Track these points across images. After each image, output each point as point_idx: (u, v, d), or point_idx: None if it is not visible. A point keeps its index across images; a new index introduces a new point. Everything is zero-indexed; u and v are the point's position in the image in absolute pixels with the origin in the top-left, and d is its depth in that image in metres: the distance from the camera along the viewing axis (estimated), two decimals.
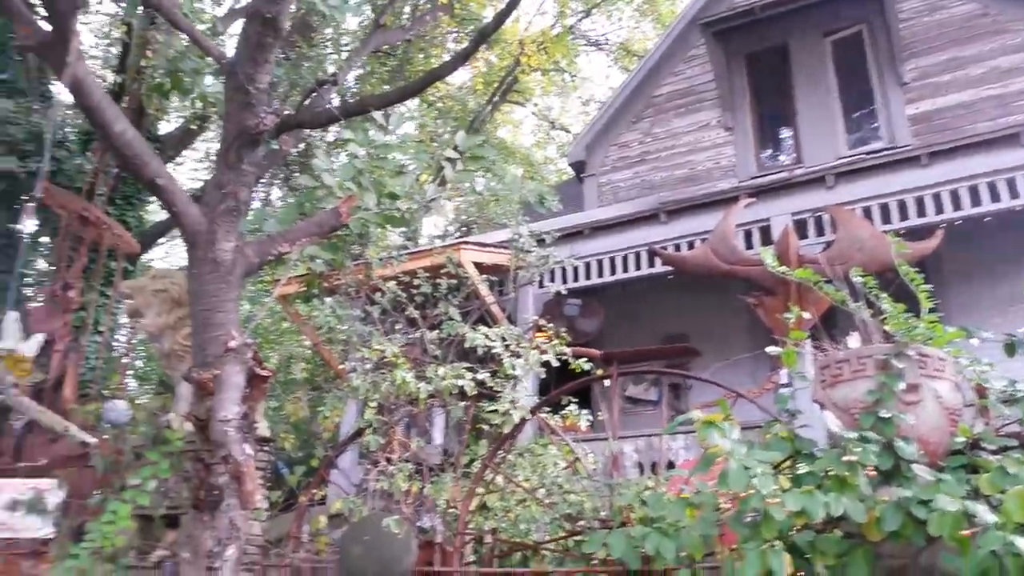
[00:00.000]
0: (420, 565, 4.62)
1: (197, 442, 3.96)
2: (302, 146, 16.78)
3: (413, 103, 18.42)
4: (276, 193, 18.17)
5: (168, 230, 17.35)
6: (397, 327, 5.43)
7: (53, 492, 5.89)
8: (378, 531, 4.22)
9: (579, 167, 13.15)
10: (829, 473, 3.18)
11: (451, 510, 5.21)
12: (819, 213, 8.31)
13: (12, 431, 7.72)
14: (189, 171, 20.58)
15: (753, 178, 10.70)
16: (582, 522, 5.04)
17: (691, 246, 8.77)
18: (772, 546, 3.00)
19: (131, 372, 16.36)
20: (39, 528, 5.88)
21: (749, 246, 8.47)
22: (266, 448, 5.38)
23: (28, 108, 13.86)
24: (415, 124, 18.56)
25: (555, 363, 5.02)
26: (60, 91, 15.98)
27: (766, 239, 8.31)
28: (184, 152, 18.17)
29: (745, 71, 11.87)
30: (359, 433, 5.14)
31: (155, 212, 18.57)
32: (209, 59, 5.99)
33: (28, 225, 9.60)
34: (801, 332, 3.85)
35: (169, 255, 22.31)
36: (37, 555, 5.92)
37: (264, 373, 3.95)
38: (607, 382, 5.14)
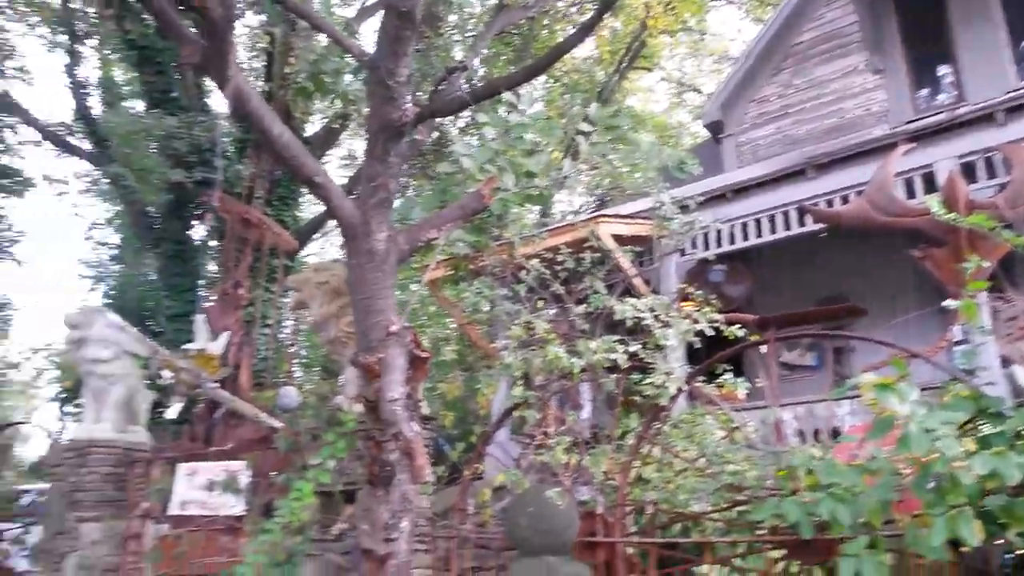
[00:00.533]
0: (582, 535, 4.69)
1: (368, 422, 4.20)
2: (435, 135, 17.23)
3: (540, 80, 18.42)
4: (414, 183, 18.79)
5: (321, 226, 18.39)
6: (543, 304, 5.49)
7: (243, 473, 6.46)
8: (542, 503, 4.32)
9: (715, 128, 12.69)
10: (1022, 433, 2.93)
11: (608, 482, 5.24)
12: (989, 153, 7.60)
13: (207, 419, 8.53)
14: (334, 169, 21.69)
15: (910, 122, 9.90)
16: (747, 491, 4.93)
17: (844, 200, 8.26)
18: (960, 512, 2.81)
19: (297, 360, 17.54)
20: (232, 506, 6.47)
21: (910, 196, 7.87)
22: (428, 426, 5.63)
23: (190, 123, 15.04)
24: (544, 101, 18.57)
25: (707, 331, 4.91)
26: (217, 104, 17.28)
27: (929, 187, 7.69)
28: (329, 151, 19.10)
29: (893, 8, 10.98)
30: (513, 409, 5.26)
31: (307, 210, 19.74)
32: (348, 59, 6.27)
33: (201, 230, 10.49)
34: (981, 282, 3.55)
35: (324, 250, 23.61)
36: (232, 530, 6.52)
37: (424, 355, 4.13)
38: (763, 348, 4.97)
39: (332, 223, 21.31)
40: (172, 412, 4.89)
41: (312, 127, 18.27)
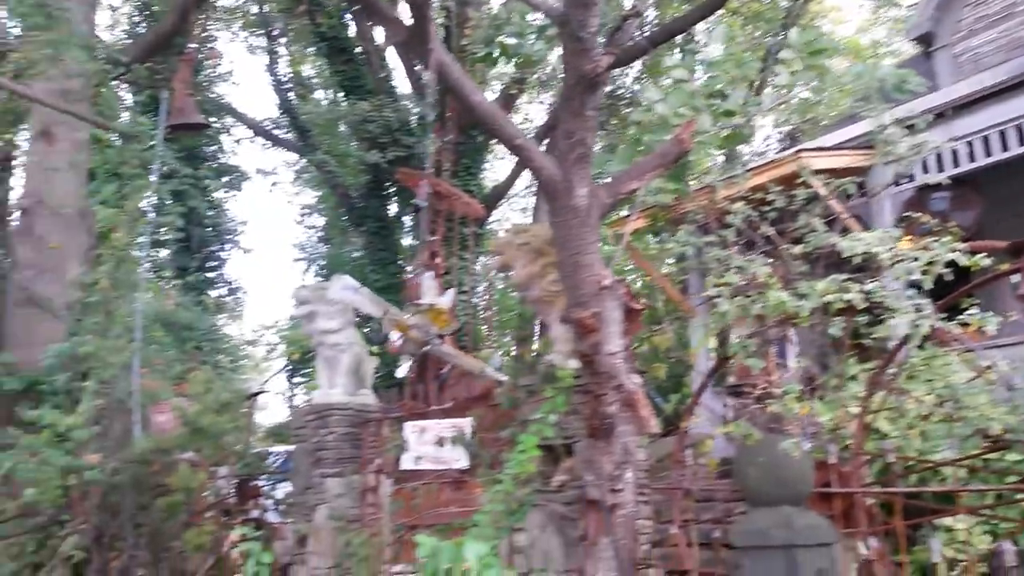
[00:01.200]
0: (816, 486, 4.49)
1: (584, 376, 4.25)
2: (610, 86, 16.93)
3: (718, 16, 17.47)
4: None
5: (505, 193, 18.85)
6: (752, 248, 5.25)
7: (468, 428, 6.82)
8: (773, 453, 4.17)
9: (925, 40, 11.39)
10: None
11: (837, 431, 4.97)
12: None
13: (433, 377, 9.08)
14: None
15: None
16: (997, 436, 4.48)
17: None
18: None
19: (492, 325, 18.17)
20: (459, 460, 6.86)
21: None
22: (641, 378, 5.60)
23: (380, 106, 15.88)
24: (725, 36, 17.61)
25: (949, 263, 4.46)
26: (403, 86, 18.06)
27: None
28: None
29: None
30: (727, 359, 5.11)
31: (489, 179, 20.30)
32: (531, 21, 6.28)
33: (421, 203, 11.02)
34: None
35: (506, 217, 24.07)
36: (459, 483, 6.93)
37: (637, 307, 4.10)
38: (1014, 278, 4.44)
39: (515, 189, 21.76)
40: (401, 371, 5.22)
41: (489, 95, 18.57)
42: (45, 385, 9.84)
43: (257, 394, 12.35)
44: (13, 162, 17.50)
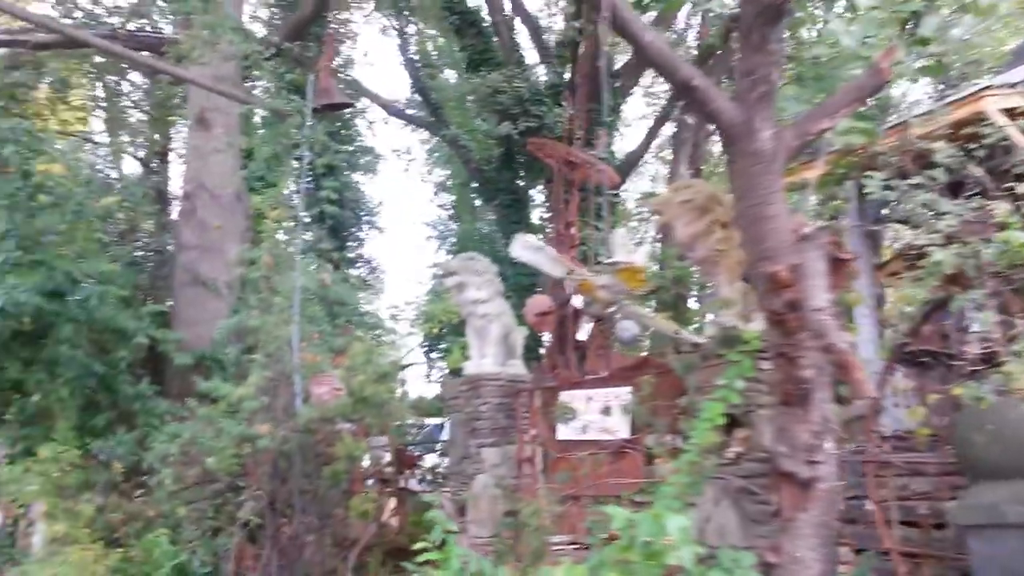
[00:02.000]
0: None
1: (774, 337, 3.86)
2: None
3: None
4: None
5: (639, 160, 18.28)
6: (960, 191, 4.63)
7: (627, 398, 6.54)
8: (1003, 419, 3.64)
9: None
10: None
11: None
12: None
13: (577, 348, 8.84)
14: (635, 100, 21.32)
15: None
16: None
17: None
18: None
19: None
20: (620, 430, 6.61)
21: None
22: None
23: (511, 77, 15.69)
24: None
25: None
26: (531, 57, 17.72)
27: None
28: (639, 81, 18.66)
29: None
30: (934, 309, 4.54)
31: (620, 147, 19.76)
32: None
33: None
34: None
35: (635, 185, 23.40)
36: (620, 454, 6.67)
37: (846, 257, 3.65)
38: None
39: (648, 156, 21.04)
40: (581, 334, 4.92)
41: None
42: (213, 360, 10.40)
43: (407, 366, 12.49)
44: (170, 153, 18.77)
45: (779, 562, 3.85)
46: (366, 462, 8.56)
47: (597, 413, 6.77)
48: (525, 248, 6.07)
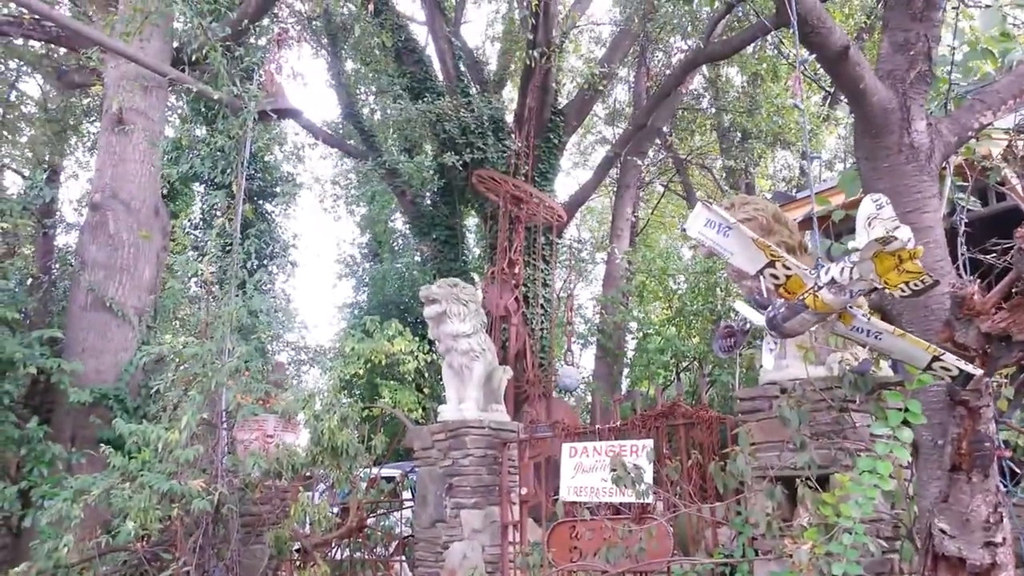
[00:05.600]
0: None
1: (955, 381, 3.04)
2: None
3: None
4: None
5: (583, 200, 17.69)
6: None
7: (648, 451, 5.58)
8: None
9: None
10: None
11: None
12: None
13: (561, 386, 7.83)
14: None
15: None
16: None
17: None
18: None
19: (575, 338, 16.95)
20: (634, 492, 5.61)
21: None
22: None
23: (457, 107, 14.85)
24: None
25: None
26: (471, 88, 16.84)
27: None
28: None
29: None
30: None
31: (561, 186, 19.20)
32: None
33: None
34: None
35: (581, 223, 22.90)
36: (640, 520, 5.67)
37: None
38: None
39: (598, 195, 20.28)
40: (767, 362, 3.75)
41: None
42: (116, 399, 8.78)
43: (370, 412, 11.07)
44: (61, 169, 16.79)
45: None
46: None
47: (606, 470, 5.78)
48: (709, 223, 3.61)
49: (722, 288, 13.46)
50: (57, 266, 14.12)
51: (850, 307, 3.02)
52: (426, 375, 16.18)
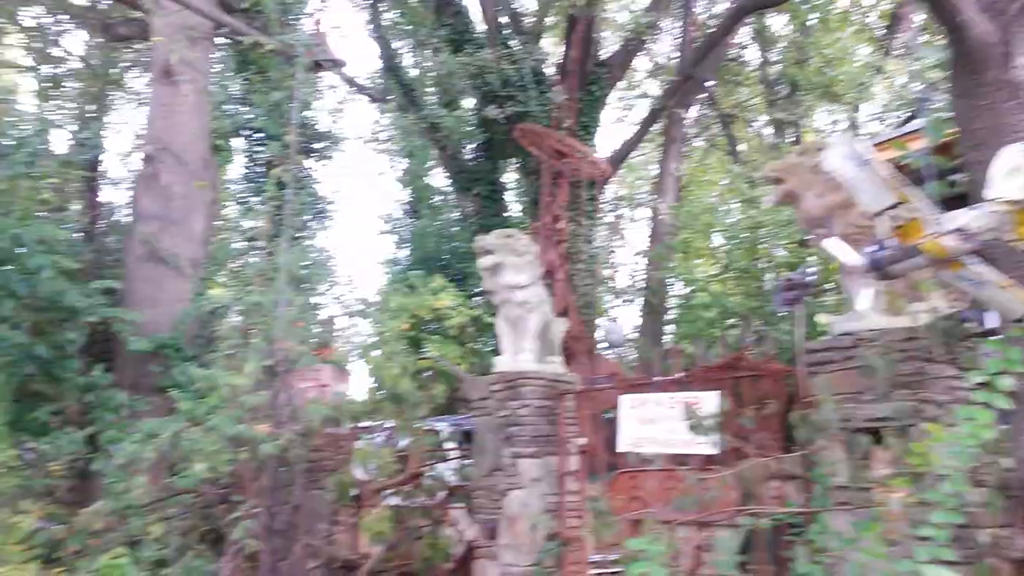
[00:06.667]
0: None
1: None
2: None
3: None
4: None
5: (627, 154, 17.42)
6: None
7: (714, 404, 5.53)
8: None
9: None
10: None
11: None
12: None
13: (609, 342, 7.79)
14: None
15: None
16: None
17: None
18: None
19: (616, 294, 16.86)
20: (701, 443, 5.57)
21: None
22: None
23: (499, 58, 14.60)
24: None
25: None
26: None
27: None
28: None
29: None
30: None
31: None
32: None
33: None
34: None
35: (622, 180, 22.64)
36: (706, 471, 5.63)
37: None
38: None
39: (638, 151, 19.97)
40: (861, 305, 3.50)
41: None
42: (173, 347, 8.94)
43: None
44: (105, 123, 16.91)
45: None
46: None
47: (671, 421, 5.75)
48: (848, 155, 3.39)
49: (767, 244, 13.21)
50: (104, 220, 14.33)
51: (967, 258, 2.91)
52: (469, 330, 16.25)
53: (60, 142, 16.70)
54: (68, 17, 13.73)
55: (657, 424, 5.85)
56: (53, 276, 7.58)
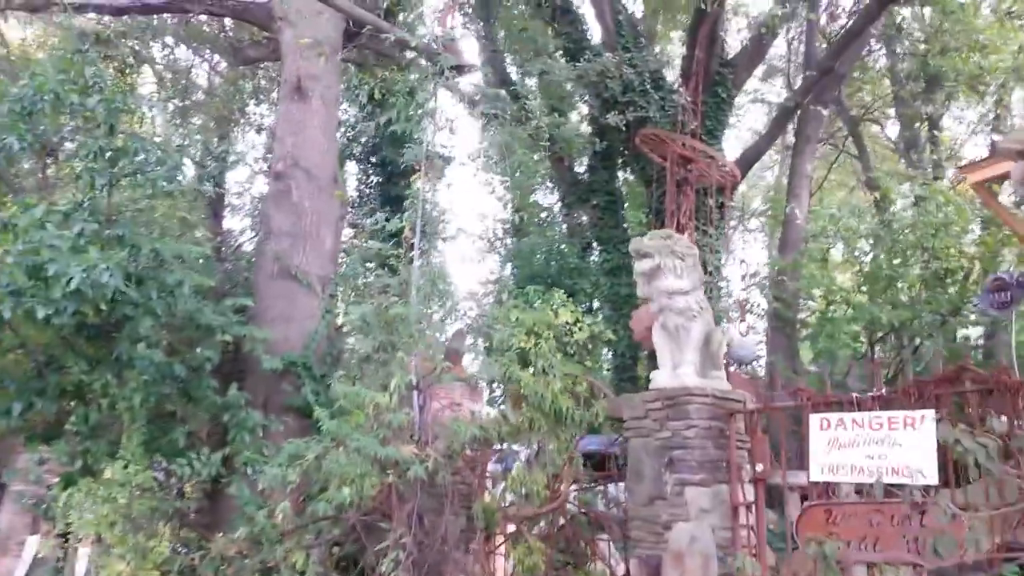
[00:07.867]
0: None
1: None
2: None
3: None
4: None
5: (758, 157, 16.45)
6: None
7: (929, 425, 4.70)
8: None
9: None
10: None
11: None
12: None
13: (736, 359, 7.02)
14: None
15: None
16: None
17: None
18: None
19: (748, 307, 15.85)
20: (921, 473, 4.75)
21: None
22: None
23: (619, 63, 14.01)
24: None
25: None
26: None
27: None
28: None
29: None
30: None
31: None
32: None
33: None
34: None
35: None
36: (916, 508, 4.80)
37: None
38: None
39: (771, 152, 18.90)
40: None
41: None
42: (303, 366, 8.73)
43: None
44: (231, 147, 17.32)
45: None
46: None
47: (875, 445, 4.93)
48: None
49: (928, 248, 11.97)
50: (229, 245, 14.55)
51: None
52: (589, 347, 15.60)
53: (187, 170, 17.29)
54: (197, 45, 14.11)
55: (855, 448, 5.05)
56: (191, 293, 7.49)
